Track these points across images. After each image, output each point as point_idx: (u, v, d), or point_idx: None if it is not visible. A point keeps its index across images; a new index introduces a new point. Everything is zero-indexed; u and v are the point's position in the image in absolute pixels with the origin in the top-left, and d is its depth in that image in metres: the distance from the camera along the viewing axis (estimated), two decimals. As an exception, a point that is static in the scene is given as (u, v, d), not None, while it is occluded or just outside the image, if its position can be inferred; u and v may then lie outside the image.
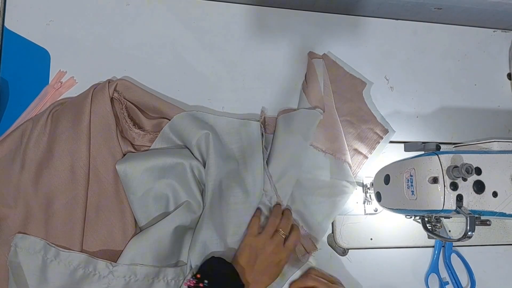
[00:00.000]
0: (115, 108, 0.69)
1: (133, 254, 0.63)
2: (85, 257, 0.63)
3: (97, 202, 0.66)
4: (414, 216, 0.70)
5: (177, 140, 0.70)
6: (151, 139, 0.70)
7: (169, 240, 0.64)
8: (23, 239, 0.62)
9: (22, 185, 0.64)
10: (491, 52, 0.88)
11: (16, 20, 0.72)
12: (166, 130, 0.69)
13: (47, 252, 0.62)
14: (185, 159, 0.67)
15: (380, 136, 0.79)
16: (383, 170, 0.70)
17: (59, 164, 0.65)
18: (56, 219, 0.64)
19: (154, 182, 0.66)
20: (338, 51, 0.82)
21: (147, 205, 0.66)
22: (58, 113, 0.68)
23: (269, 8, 0.81)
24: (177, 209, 0.66)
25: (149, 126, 0.70)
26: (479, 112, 0.85)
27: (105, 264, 0.63)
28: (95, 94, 0.68)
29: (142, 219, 0.66)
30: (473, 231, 0.57)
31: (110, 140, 0.67)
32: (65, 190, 0.65)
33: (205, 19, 0.78)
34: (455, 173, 0.57)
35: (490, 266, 0.79)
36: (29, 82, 0.70)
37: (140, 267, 0.63)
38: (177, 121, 0.69)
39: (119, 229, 0.66)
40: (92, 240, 0.65)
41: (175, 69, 0.75)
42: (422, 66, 0.85)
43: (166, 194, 0.67)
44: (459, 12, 0.85)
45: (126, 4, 0.76)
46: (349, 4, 0.83)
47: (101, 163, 0.67)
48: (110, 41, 0.74)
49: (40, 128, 0.66)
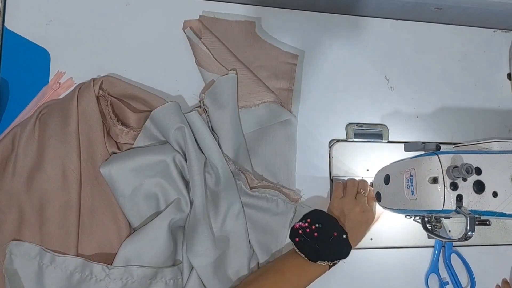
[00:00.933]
0: (101, 106, 0.68)
1: (128, 255, 0.63)
2: (81, 261, 0.63)
3: (90, 205, 0.66)
4: (414, 216, 0.70)
5: (159, 135, 0.69)
6: (134, 136, 0.69)
7: (163, 239, 0.64)
8: (18, 246, 0.62)
9: (15, 191, 0.64)
10: (491, 52, 0.88)
11: (16, 20, 0.72)
12: (148, 125, 0.69)
13: (42, 258, 0.62)
14: (168, 156, 0.66)
15: (293, 63, 0.78)
16: (383, 170, 0.70)
17: (50, 169, 0.64)
18: (50, 224, 0.63)
19: (141, 181, 0.66)
20: (338, 51, 0.82)
21: (137, 206, 0.66)
22: (45, 116, 0.67)
23: (269, 8, 0.81)
24: (168, 207, 0.66)
25: (134, 121, 0.69)
26: (479, 112, 0.85)
27: (101, 267, 0.63)
28: (81, 94, 0.67)
29: (134, 220, 0.66)
30: (473, 231, 0.57)
31: (99, 141, 0.67)
32: (58, 195, 0.64)
33: (205, 19, 0.78)
34: (455, 173, 0.57)
35: (490, 266, 0.79)
36: (29, 82, 0.70)
37: (136, 268, 0.63)
38: (156, 114, 0.68)
39: (113, 231, 0.65)
40: (87, 243, 0.64)
41: (175, 69, 0.75)
42: (422, 66, 0.85)
43: (155, 193, 0.67)
44: (459, 12, 0.85)
45: (126, 4, 0.76)
46: (349, 4, 0.83)
47: (91, 165, 0.66)
48: (110, 41, 0.74)
49: (28, 134, 0.65)
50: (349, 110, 0.80)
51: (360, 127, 0.80)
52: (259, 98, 0.74)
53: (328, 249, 0.65)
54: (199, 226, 0.65)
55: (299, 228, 0.66)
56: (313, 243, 0.65)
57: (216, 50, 0.74)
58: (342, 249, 0.66)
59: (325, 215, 0.69)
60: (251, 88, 0.74)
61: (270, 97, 0.75)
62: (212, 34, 0.75)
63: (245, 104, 0.74)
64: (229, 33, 0.77)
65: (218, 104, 0.71)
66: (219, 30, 0.77)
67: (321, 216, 0.68)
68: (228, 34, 0.77)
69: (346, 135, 0.79)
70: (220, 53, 0.74)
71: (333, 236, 0.65)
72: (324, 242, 0.65)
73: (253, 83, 0.75)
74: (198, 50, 0.74)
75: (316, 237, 0.65)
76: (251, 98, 0.74)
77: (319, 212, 0.69)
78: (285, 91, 0.77)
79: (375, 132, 0.80)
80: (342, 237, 0.66)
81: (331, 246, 0.65)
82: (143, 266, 0.63)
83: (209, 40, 0.75)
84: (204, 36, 0.75)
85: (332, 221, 0.68)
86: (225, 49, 0.75)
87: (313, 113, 0.79)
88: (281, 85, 0.77)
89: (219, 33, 0.76)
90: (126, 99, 0.70)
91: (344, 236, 0.66)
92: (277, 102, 0.75)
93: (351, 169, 0.77)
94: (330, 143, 0.78)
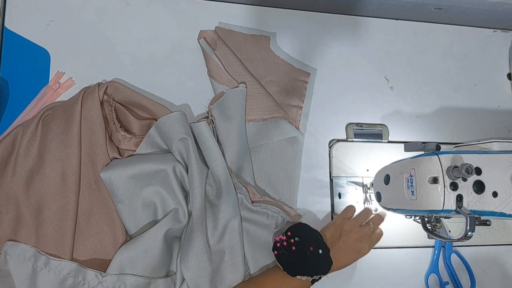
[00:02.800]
0: (105, 111, 0.68)
1: (122, 263, 0.63)
2: (75, 266, 0.62)
3: (87, 210, 0.65)
4: (414, 216, 0.70)
5: (162, 144, 0.69)
6: (136, 143, 0.68)
7: (158, 248, 0.63)
8: (13, 247, 0.62)
9: (13, 191, 0.64)
10: (491, 52, 0.88)
11: (16, 20, 0.72)
12: (152, 133, 0.68)
13: (37, 260, 0.62)
14: (168, 165, 0.66)
15: (305, 81, 0.79)
16: (383, 170, 0.70)
17: (50, 171, 0.64)
18: (47, 226, 0.63)
19: (140, 189, 0.65)
20: (338, 51, 0.82)
21: (135, 213, 0.65)
22: (48, 118, 0.67)
23: (269, 8, 0.81)
24: (165, 217, 0.65)
25: (137, 129, 0.69)
26: (479, 112, 0.85)
27: (95, 274, 0.62)
28: (85, 98, 0.67)
29: (131, 227, 0.65)
30: (473, 231, 0.57)
31: (100, 146, 0.66)
32: (56, 197, 0.64)
33: (205, 19, 0.78)
34: (455, 173, 0.57)
35: (490, 266, 0.79)
36: (29, 82, 0.70)
37: (130, 277, 0.62)
38: (161, 123, 0.67)
39: (109, 237, 0.65)
40: (82, 248, 0.64)
41: (175, 69, 0.75)
42: (422, 66, 0.85)
43: (154, 201, 0.66)
44: (459, 12, 0.85)
45: (126, 4, 0.76)
46: (349, 4, 0.83)
47: (91, 170, 0.66)
48: (110, 41, 0.74)
49: (30, 135, 0.65)
50: (349, 110, 0.80)
51: (360, 127, 0.80)
52: (268, 113, 0.74)
53: (305, 264, 0.63)
54: (195, 239, 0.64)
55: (278, 241, 0.65)
56: (290, 257, 0.63)
57: (229, 62, 0.74)
58: (319, 264, 0.64)
59: (308, 229, 0.67)
60: (260, 102, 0.74)
61: (279, 113, 0.74)
62: (226, 46, 0.75)
63: (254, 117, 0.74)
64: (243, 46, 0.77)
65: (225, 116, 0.71)
66: (233, 42, 0.77)
67: (303, 230, 0.66)
68: (242, 47, 0.77)
69: (346, 135, 0.79)
70: (232, 66, 0.74)
71: (310, 251, 0.63)
72: (301, 256, 0.63)
73: (263, 97, 0.74)
74: (210, 60, 0.74)
75: (294, 251, 0.64)
76: (260, 112, 0.74)
77: (302, 226, 0.67)
78: (294, 108, 0.77)
79: (375, 132, 0.80)
80: (318, 252, 0.64)
81: (308, 261, 0.63)
82: (136, 275, 0.63)
83: (223, 51, 0.75)
84: (218, 47, 0.75)
85: (313, 235, 0.66)
86: (237, 62, 0.75)
87: (313, 113, 0.79)
88: (291, 101, 0.77)
89: (233, 45, 0.77)
90: (130, 106, 0.70)
91: (320, 251, 0.64)
92: (286, 119, 0.75)
93: (351, 169, 0.77)
94: (330, 143, 0.78)
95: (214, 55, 0.74)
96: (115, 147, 0.68)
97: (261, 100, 0.74)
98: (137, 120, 0.69)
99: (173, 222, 0.65)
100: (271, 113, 0.74)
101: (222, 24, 0.78)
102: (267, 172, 0.74)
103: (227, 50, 0.75)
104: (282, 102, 0.76)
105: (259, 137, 0.74)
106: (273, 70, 0.78)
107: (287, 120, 0.75)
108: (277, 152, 0.74)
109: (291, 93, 0.77)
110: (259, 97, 0.74)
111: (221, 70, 0.74)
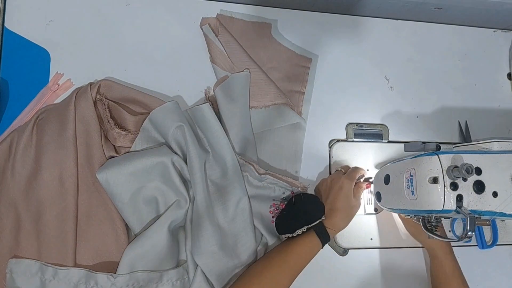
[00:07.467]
0: (98, 110, 0.68)
1: (131, 262, 0.63)
2: (85, 273, 0.62)
3: (87, 212, 0.65)
4: (414, 216, 0.70)
5: (157, 135, 0.69)
6: (132, 139, 0.68)
7: (165, 241, 0.64)
8: (17, 264, 0.61)
9: (12, 197, 0.64)
10: (491, 52, 0.88)
11: (16, 20, 0.72)
12: (146, 126, 0.68)
13: (44, 273, 0.61)
14: (166, 157, 0.66)
15: (307, 67, 0.79)
16: (383, 170, 0.70)
17: (48, 175, 0.64)
18: (48, 231, 0.63)
19: (139, 186, 0.65)
20: (338, 51, 0.82)
21: (138, 211, 0.65)
22: (42, 122, 0.66)
23: (269, 8, 0.81)
24: (168, 210, 0.66)
25: (132, 124, 0.69)
26: (479, 112, 0.85)
27: (106, 276, 0.62)
28: (78, 99, 0.67)
29: (136, 226, 0.65)
30: (473, 231, 0.57)
31: (96, 146, 0.66)
32: (55, 201, 0.64)
33: (205, 19, 0.78)
34: (455, 173, 0.57)
35: (490, 266, 0.79)
36: (29, 82, 0.70)
37: (141, 274, 0.63)
38: (155, 114, 0.68)
39: (111, 237, 0.65)
40: (85, 250, 0.64)
41: (175, 69, 0.75)
42: (422, 66, 0.85)
43: (155, 197, 0.67)
44: (459, 12, 0.85)
45: (126, 4, 0.76)
46: (349, 4, 0.83)
47: (89, 171, 0.66)
48: (110, 41, 0.74)
49: (25, 140, 0.65)
50: (349, 110, 0.80)
51: (360, 127, 0.80)
52: (269, 100, 0.74)
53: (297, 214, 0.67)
54: (203, 224, 0.65)
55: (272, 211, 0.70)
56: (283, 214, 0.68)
57: (231, 49, 0.75)
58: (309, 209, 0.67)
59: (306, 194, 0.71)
60: (262, 89, 0.74)
61: (281, 99, 0.75)
62: (228, 33, 0.76)
63: (256, 104, 0.74)
64: (245, 33, 0.78)
65: (229, 98, 0.71)
66: (235, 29, 0.77)
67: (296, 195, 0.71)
68: (243, 34, 0.78)
69: (346, 135, 0.79)
70: (234, 53, 0.75)
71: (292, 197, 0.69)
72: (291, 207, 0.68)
73: (265, 84, 0.75)
74: (213, 47, 0.74)
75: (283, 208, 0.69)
76: (262, 99, 0.74)
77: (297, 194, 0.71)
78: (296, 93, 0.77)
79: (375, 132, 0.80)
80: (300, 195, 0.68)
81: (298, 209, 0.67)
82: (148, 270, 0.63)
83: (225, 38, 0.75)
84: (220, 34, 0.75)
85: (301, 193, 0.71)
86: (240, 49, 0.75)
87: (313, 113, 0.79)
88: (293, 87, 0.77)
89: (235, 32, 0.77)
90: (124, 102, 0.70)
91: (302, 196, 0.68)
92: (288, 105, 0.75)
93: (351, 169, 0.77)
94: (330, 143, 0.78)
95: (217, 41, 0.74)
96: (111, 146, 0.68)
97: (263, 87, 0.74)
98: (132, 116, 0.69)
99: (176, 213, 0.65)
100: (274, 99, 0.74)
101: (223, 12, 0.78)
102: (269, 158, 0.74)
103: (229, 37, 0.76)
104: (284, 88, 0.77)
105: (261, 124, 0.74)
106: (275, 56, 0.78)
107: (289, 107, 0.75)
108: (279, 138, 0.75)
109: (293, 79, 0.78)
110: (261, 84, 0.74)
111: (224, 56, 0.74)
